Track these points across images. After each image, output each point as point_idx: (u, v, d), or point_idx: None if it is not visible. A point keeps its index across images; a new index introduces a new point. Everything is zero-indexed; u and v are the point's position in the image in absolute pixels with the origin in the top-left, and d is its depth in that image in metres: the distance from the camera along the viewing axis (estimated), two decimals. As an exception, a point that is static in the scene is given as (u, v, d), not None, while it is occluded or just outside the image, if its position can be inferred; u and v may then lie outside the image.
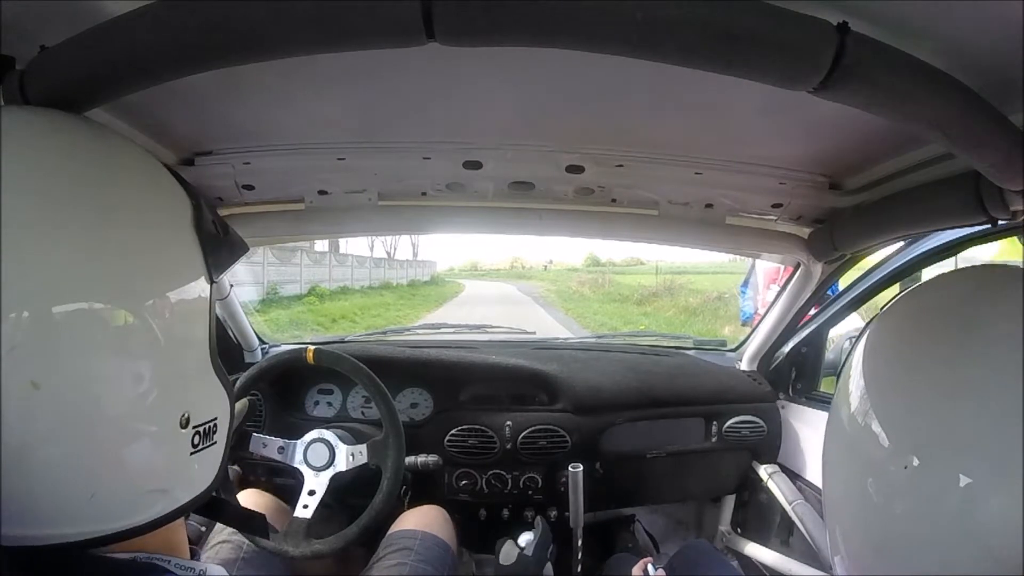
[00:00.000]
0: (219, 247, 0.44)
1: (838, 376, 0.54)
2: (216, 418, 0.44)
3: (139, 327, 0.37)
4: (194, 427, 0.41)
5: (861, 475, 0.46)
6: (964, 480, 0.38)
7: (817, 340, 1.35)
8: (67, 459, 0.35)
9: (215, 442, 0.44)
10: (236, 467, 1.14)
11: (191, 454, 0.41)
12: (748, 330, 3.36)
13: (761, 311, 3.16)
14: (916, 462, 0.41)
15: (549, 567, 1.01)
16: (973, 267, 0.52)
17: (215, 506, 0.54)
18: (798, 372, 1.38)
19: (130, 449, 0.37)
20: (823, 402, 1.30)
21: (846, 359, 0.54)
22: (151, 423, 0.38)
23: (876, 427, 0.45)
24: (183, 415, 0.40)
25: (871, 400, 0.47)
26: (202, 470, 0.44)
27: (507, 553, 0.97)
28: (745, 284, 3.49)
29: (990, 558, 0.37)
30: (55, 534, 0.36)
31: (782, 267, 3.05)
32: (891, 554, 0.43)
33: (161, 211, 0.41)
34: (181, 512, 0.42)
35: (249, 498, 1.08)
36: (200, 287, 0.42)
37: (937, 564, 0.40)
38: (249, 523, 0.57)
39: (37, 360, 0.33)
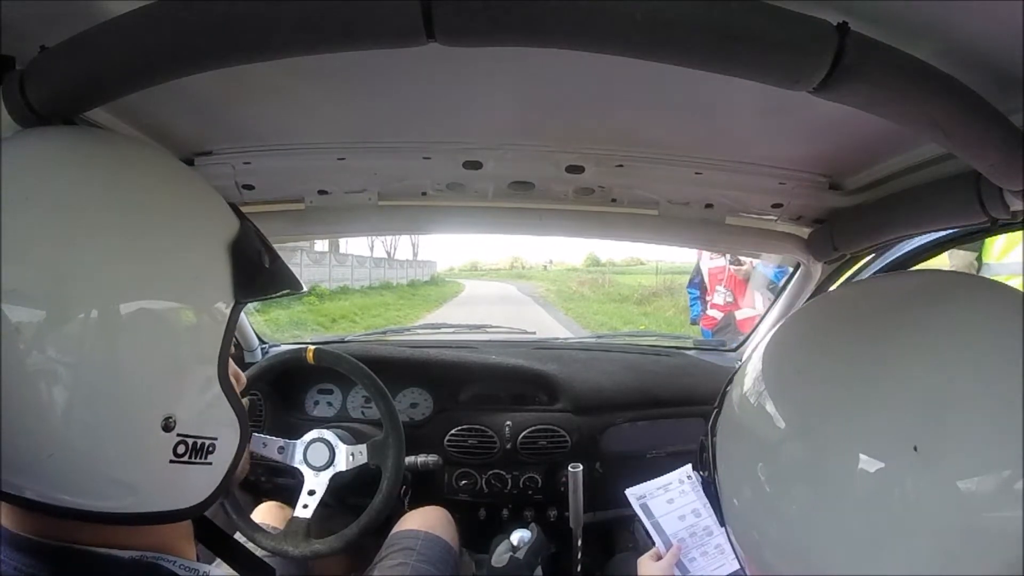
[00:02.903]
0: (255, 274, 0.44)
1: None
2: (215, 439, 0.42)
3: (136, 318, 0.37)
4: (180, 435, 0.40)
5: (753, 461, 0.42)
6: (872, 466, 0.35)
7: None
8: (34, 410, 0.35)
9: (210, 463, 0.42)
10: None
11: (171, 462, 0.39)
12: (699, 330, 3.31)
13: (710, 312, 3.14)
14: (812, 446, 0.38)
15: (539, 571, 1.01)
16: (905, 272, 0.49)
17: (226, 545, 0.53)
18: None
19: (96, 431, 0.36)
20: None
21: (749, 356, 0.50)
22: (125, 412, 0.37)
23: (771, 409, 0.41)
24: (167, 417, 0.39)
25: (768, 385, 0.44)
26: (186, 485, 0.42)
27: (499, 555, 0.97)
28: (692, 284, 3.42)
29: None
30: (15, 483, 0.36)
31: (727, 268, 3.04)
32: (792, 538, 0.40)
33: (190, 223, 0.42)
34: (156, 519, 0.40)
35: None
36: (217, 303, 0.42)
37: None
38: (254, 572, 0.54)
39: (29, 311, 0.34)
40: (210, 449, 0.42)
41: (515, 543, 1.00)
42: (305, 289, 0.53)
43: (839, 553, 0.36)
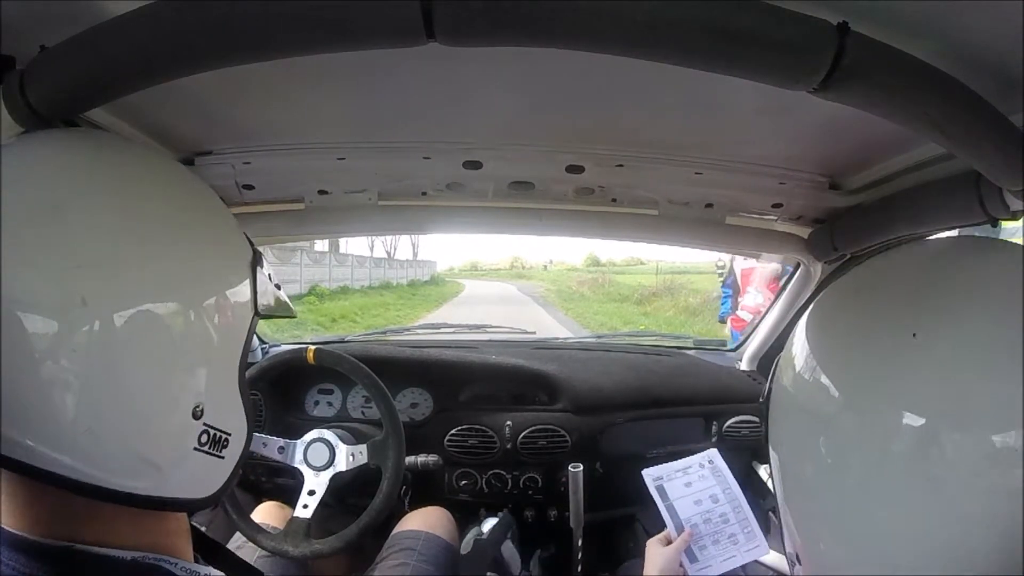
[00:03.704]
0: (271, 294, 0.50)
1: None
2: (230, 434, 0.45)
3: (183, 317, 0.40)
4: (205, 424, 0.42)
5: (813, 435, 0.44)
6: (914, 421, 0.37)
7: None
8: (80, 383, 0.36)
9: (223, 456, 0.44)
10: None
11: (194, 449, 0.42)
12: (725, 328, 3.30)
13: (740, 313, 3.13)
14: (870, 411, 0.40)
15: (508, 544, 1.00)
16: (940, 239, 0.52)
17: (217, 553, 0.54)
18: None
19: (136, 406, 0.38)
20: None
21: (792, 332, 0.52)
22: (165, 393, 0.40)
23: (825, 381, 0.43)
24: (197, 405, 0.41)
25: (820, 359, 0.46)
26: (202, 475, 0.44)
27: (466, 542, 0.97)
28: (725, 284, 3.50)
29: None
30: (50, 455, 0.36)
31: (757, 268, 3.02)
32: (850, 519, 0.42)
33: (226, 240, 0.47)
34: (168, 504, 0.41)
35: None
36: (244, 311, 0.46)
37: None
38: None
39: (95, 288, 0.36)
40: (225, 443, 0.44)
41: (484, 530, 1.00)
42: (296, 316, 0.59)
43: (890, 520, 0.39)
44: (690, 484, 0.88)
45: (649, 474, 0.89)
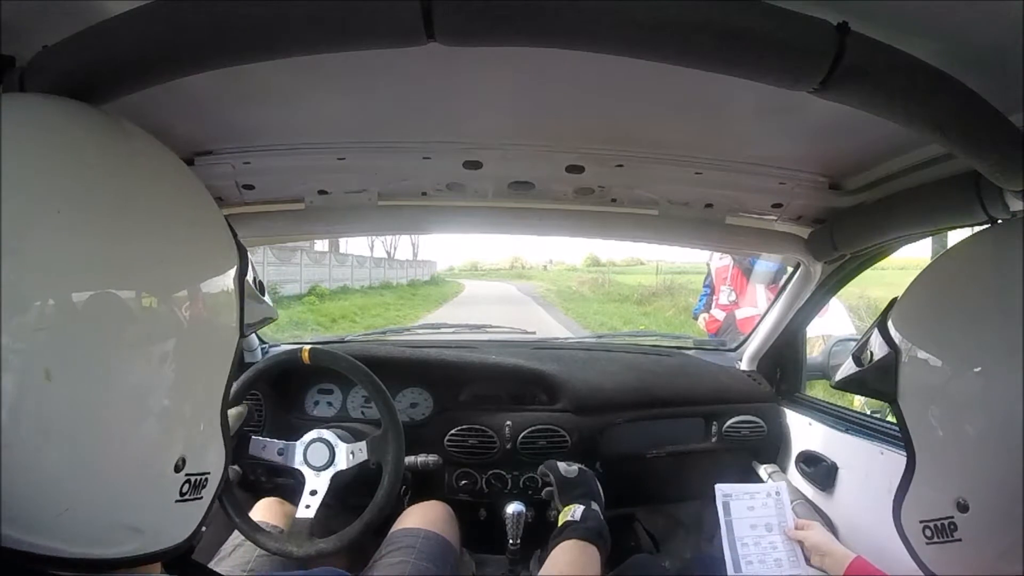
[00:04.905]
0: (254, 306, 0.45)
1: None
2: (209, 474, 0.43)
3: (159, 360, 0.37)
4: (187, 474, 0.40)
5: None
6: None
7: (795, 337, 1.35)
8: (51, 467, 0.34)
9: (201, 497, 0.42)
10: (236, 467, 1.15)
11: (176, 501, 0.40)
12: (700, 325, 3.33)
13: (714, 312, 3.14)
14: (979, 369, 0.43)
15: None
16: None
17: (192, 569, 0.50)
18: (782, 372, 1.38)
19: (116, 478, 0.36)
20: (809, 407, 1.29)
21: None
22: (146, 458, 0.37)
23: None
24: (180, 458, 0.39)
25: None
26: (182, 521, 0.42)
27: (567, 468, 0.95)
28: (705, 283, 3.53)
29: None
30: (24, 540, 0.34)
31: (730, 267, 3.05)
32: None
33: (212, 257, 0.43)
34: (151, 559, 0.40)
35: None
36: (229, 338, 0.43)
37: None
38: None
39: (54, 355, 0.33)
40: (204, 483, 0.42)
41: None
42: (277, 318, 0.54)
43: None
44: (752, 508, 0.98)
45: (720, 488, 0.99)
